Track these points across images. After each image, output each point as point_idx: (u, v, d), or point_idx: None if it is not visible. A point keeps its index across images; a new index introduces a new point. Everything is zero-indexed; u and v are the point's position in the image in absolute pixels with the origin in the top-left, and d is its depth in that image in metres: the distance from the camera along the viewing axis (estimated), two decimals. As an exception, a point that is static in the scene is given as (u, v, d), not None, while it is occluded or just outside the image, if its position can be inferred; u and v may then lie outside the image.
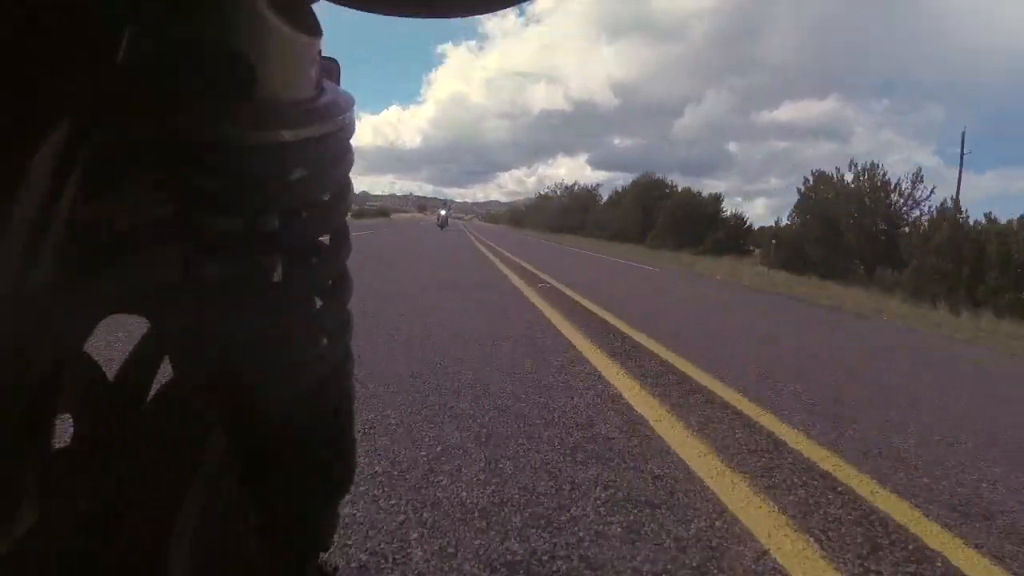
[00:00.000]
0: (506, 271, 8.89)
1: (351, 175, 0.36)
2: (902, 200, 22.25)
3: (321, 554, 0.49)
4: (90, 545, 0.35)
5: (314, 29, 0.30)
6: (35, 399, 0.26)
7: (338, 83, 0.37)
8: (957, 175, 19.45)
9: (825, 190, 24.07)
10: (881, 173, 22.87)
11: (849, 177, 23.68)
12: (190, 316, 0.33)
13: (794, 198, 25.99)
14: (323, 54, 0.33)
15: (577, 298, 5.87)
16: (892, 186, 22.40)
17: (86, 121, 0.24)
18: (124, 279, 0.31)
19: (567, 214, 54.33)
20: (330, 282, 0.37)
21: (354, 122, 0.35)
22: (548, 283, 7.27)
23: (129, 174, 0.29)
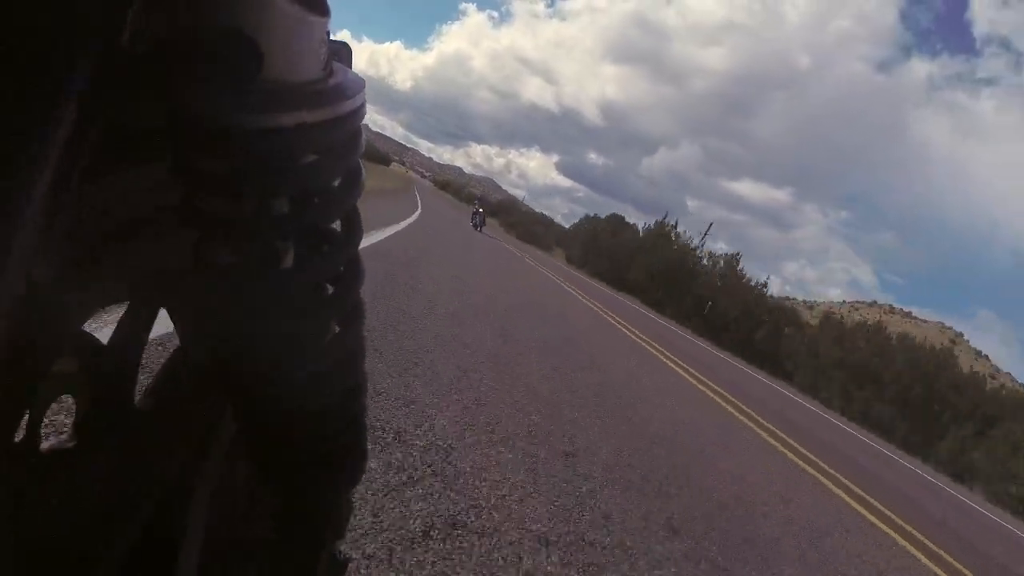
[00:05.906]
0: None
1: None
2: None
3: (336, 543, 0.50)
4: (98, 533, 0.34)
5: (322, 8, 0.29)
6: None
7: (349, 66, 0.36)
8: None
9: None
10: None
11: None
12: (198, 304, 0.33)
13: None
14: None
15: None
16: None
17: (90, 105, 0.23)
18: (131, 266, 0.31)
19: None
20: (341, 268, 0.36)
21: (365, 105, 0.34)
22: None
23: (134, 159, 0.28)
